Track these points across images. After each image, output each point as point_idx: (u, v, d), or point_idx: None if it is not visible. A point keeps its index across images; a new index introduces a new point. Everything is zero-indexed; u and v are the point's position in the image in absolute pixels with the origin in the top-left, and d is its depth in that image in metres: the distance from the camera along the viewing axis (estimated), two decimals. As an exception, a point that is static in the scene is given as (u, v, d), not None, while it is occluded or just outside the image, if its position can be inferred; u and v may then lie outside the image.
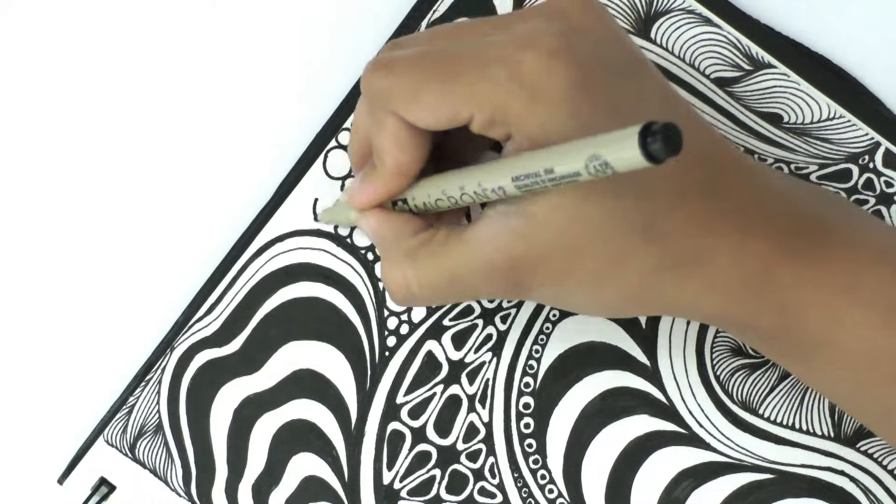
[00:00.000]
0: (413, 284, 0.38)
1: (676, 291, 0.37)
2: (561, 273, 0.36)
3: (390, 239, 0.39)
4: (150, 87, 0.47)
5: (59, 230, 0.46)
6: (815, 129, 0.45)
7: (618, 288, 0.36)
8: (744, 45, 0.45)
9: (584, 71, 0.35)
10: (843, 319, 0.36)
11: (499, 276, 0.37)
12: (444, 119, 0.36)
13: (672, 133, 0.28)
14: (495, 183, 0.35)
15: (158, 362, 0.45)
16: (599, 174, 0.31)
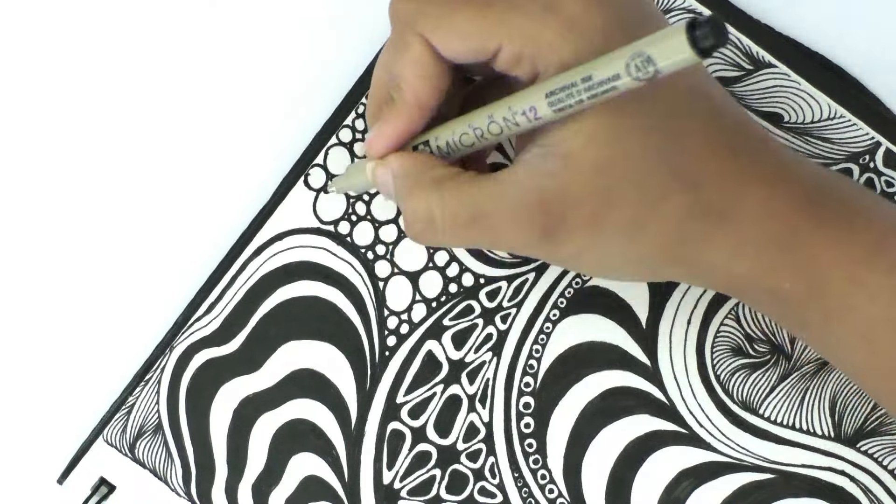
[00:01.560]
0: (436, 213, 0.36)
1: (709, 244, 0.36)
2: (596, 218, 0.35)
3: (416, 173, 0.37)
4: (150, 88, 0.47)
5: (59, 230, 0.46)
6: (815, 128, 0.45)
7: (654, 236, 0.36)
8: (744, 45, 0.45)
9: (616, 9, 0.35)
10: (865, 284, 0.36)
11: (529, 219, 0.35)
12: (472, 47, 0.35)
13: (718, 25, 0.28)
14: (527, 103, 0.34)
15: (158, 362, 0.45)
16: (641, 76, 0.30)
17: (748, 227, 0.36)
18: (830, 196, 0.37)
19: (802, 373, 0.44)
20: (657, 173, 0.35)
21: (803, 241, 0.36)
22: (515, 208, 0.35)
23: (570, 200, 0.35)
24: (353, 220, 0.45)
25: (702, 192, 0.36)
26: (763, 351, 0.44)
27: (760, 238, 0.36)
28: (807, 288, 0.37)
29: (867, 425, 0.43)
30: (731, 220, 0.36)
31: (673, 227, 0.36)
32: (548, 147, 0.35)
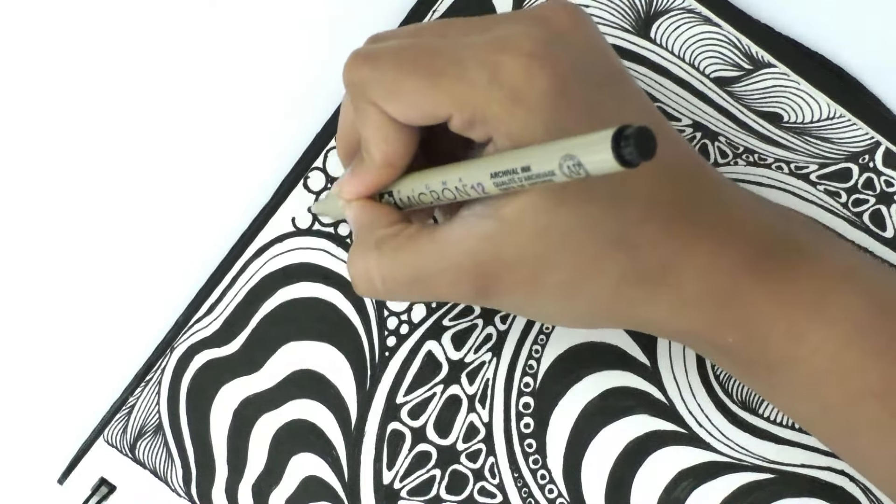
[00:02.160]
0: (375, 276, 0.37)
1: (647, 305, 0.36)
2: (530, 280, 0.36)
3: (364, 227, 0.38)
4: (150, 88, 0.47)
5: (60, 231, 0.46)
6: (815, 128, 0.45)
7: (589, 298, 0.36)
8: (744, 45, 0.45)
9: (563, 77, 0.35)
10: (808, 337, 0.36)
11: (465, 280, 0.36)
12: (424, 115, 0.36)
13: (646, 137, 0.28)
14: (475, 179, 0.35)
15: (158, 362, 0.45)
16: (573, 175, 0.31)
17: (688, 287, 0.36)
18: (776, 247, 0.37)
19: (802, 373, 0.44)
20: (594, 240, 0.35)
21: (744, 297, 0.36)
22: (452, 270, 0.36)
23: (505, 264, 0.35)
24: (353, 220, 0.45)
25: (639, 256, 0.36)
26: (762, 351, 0.44)
27: (700, 296, 0.36)
28: (749, 342, 0.37)
29: (867, 425, 0.43)
30: (670, 281, 0.36)
31: (609, 290, 0.36)
32: (487, 208, 0.35)
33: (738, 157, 0.45)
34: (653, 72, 0.45)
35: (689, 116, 0.45)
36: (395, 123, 0.36)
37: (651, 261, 0.36)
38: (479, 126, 0.35)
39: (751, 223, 0.38)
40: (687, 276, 0.36)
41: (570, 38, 0.36)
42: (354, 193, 0.39)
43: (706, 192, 0.37)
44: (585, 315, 0.37)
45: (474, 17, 0.38)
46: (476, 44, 0.35)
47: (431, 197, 0.37)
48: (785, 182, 0.45)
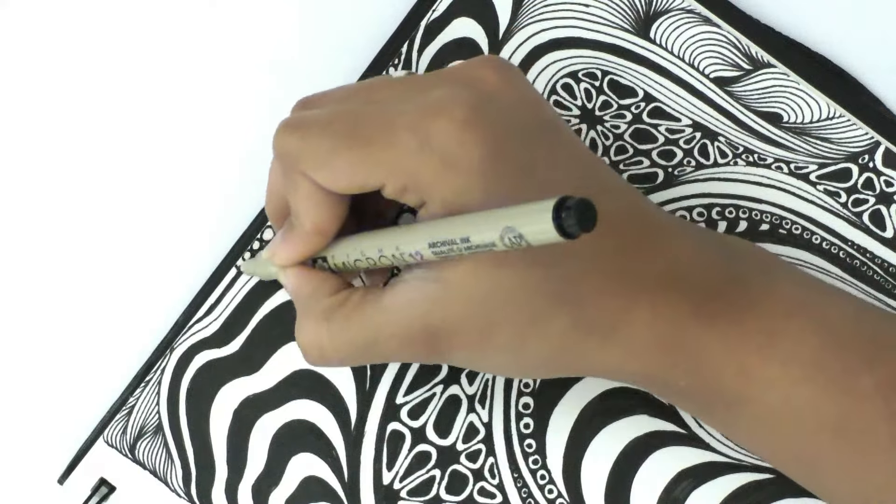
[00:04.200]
0: (327, 347, 0.38)
1: (595, 354, 0.36)
2: (478, 340, 0.36)
3: (307, 297, 0.39)
4: (150, 88, 0.47)
5: (59, 231, 0.46)
6: (814, 128, 0.45)
7: (538, 352, 0.36)
8: (743, 45, 0.45)
9: (496, 139, 0.34)
10: (759, 377, 0.36)
11: (415, 343, 0.36)
12: (355, 185, 0.35)
13: (586, 209, 0.29)
14: (413, 247, 0.35)
15: (158, 363, 0.45)
16: (514, 246, 0.31)
17: (635, 336, 0.36)
18: (723, 288, 0.37)
19: (802, 373, 0.44)
20: (537, 300, 0.35)
21: (692, 343, 0.36)
22: (401, 335, 0.36)
23: (452, 326, 0.36)
24: (353, 220, 0.45)
25: (583, 310, 0.36)
26: (762, 351, 0.44)
27: (649, 344, 0.36)
28: (702, 385, 0.37)
29: (866, 425, 0.43)
30: (616, 332, 0.36)
31: (556, 343, 0.36)
32: (430, 272, 0.35)
33: (737, 157, 0.45)
34: (652, 72, 0.45)
35: (688, 116, 0.45)
36: (325, 192, 0.36)
37: (596, 314, 0.36)
38: (412, 192, 0.35)
39: (697, 267, 0.37)
40: (633, 327, 0.36)
41: (500, 96, 0.36)
42: (287, 259, 0.39)
43: (650, 240, 0.37)
44: (536, 367, 0.38)
45: (402, 77, 0.38)
46: (406, 110, 0.35)
47: (367, 263, 0.37)
48: (785, 182, 0.45)
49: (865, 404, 0.36)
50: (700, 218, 0.44)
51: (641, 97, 0.45)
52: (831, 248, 0.44)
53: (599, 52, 0.45)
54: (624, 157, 0.45)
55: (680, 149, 0.45)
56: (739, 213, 0.44)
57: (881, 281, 0.44)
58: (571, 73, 0.45)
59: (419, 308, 0.36)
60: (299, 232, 0.38)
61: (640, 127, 0.45)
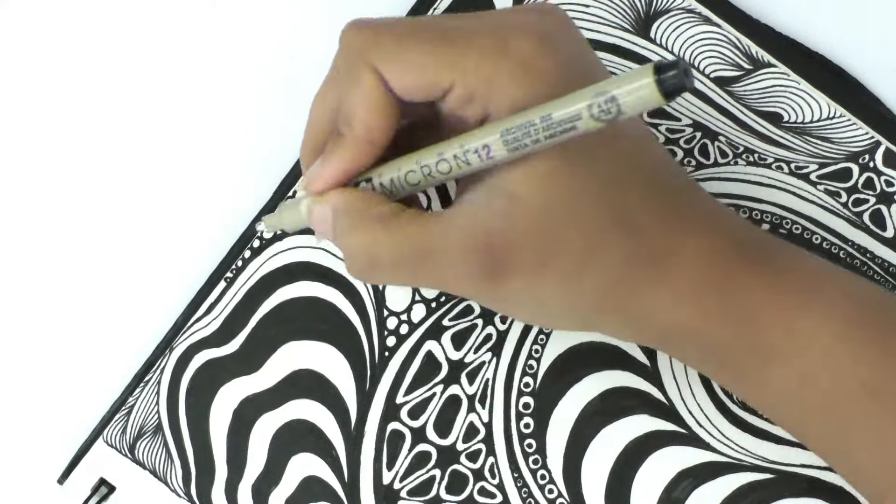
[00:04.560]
0: (381, 251, 0.35)
1: (645, 292, 0.36)
2: (538, 262, 0.35)
3: (359, 209, 0.36)
4: (150, 87, 0.47)
5: (59, 231, 0.46)
6: (815, 128, 0.45)
7: (592, 283, 0.36)
8: (744, 45, 0.45)
9: (567, 58, 0.35)
10: (802, 330, 0.36)
11: (473, 259, 0.35)
12: (425, 82, 0.35)
13: (685, 67, 0.28)
14: (480, 142, 0.34)
15: (158, 362, 0.45)
16: (602, 116, 0.30)
17: (686, 274, 0.36)
18: (762, 246, 0.37)
19: (802, 373, 0.44)
20: (600, 219, 0.35)
21: (739, 285, 0.36)
22: (460, 247, 0.35)
23: (515, 241, 0.35)
24: (353, 220, 0.45)
25: (642, 238, 0.36)
26: (763, 351, 0.44)
27: (695, 286, 0.36)
28: (742, 335, 0.37)
29: (867, 425, 0.43)
30: (670, 267, 0.36)
31: (611, 273, 0.36)
32: (495, 187, 0.35)
33: (738, 156, 0.45)
34: (653, 71, 0.45)
35: (689, 116, 0.45)
36: (386, 94, 0.35)
37: (652, 245, 0.36)
38: (478, 101, 0.35)
39: (738, 225, 0.38)
40: (684, 264, 0.36)
41: (566, 31, 0.37)
42: (329, 180, 0.37)
43: (694, 187, 0.38)
44: (584, 306, 0.37)
45: None
46: (487, 22, 0.35)
47: (422, 174, 0.36)
48: (785, 182, 0.44)
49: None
50: (700, 218, 0.44)
51: (642, 97, 0.45)
52: (832, 247, 0.44)
53: (600, 52, 0.45)
54: (624, 157, 0.45)
55: (680, 148, 0.45)
56: (740, 213, 0.44)
57: (881, 281, 0.44)
58: (572, 73, 0.45)
59: (483, 220, 0.35)
60: (348, 141, 0.36)
61: (640, 126, 0.45)
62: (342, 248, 0.37)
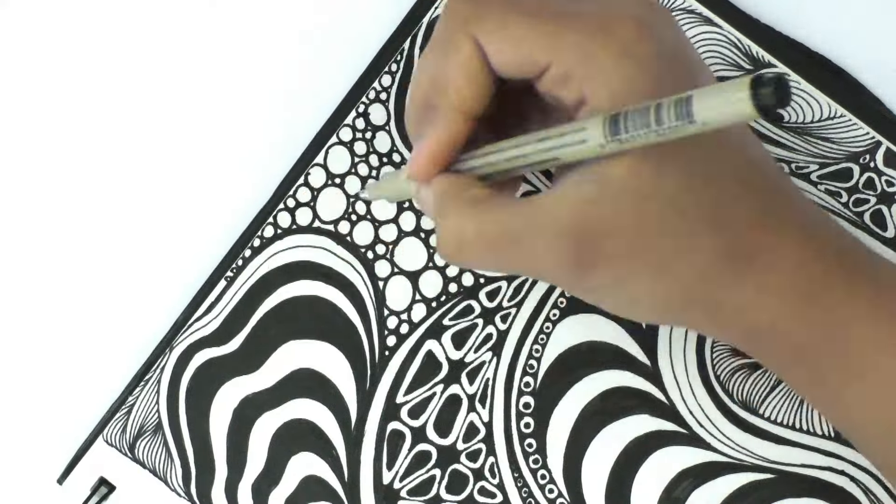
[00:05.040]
0: (469, 236, 0.35)
1: (733, 288, 0.35)
2: (628, 252, 0.34)
3: (454, 191, 0.36)
4: (150, 87, 0.47)
5: (59, 231, 0.46)
6: (815, 128, 0.45)
7: (680, 275, 0.35)
8: (744, 45, 0.45)
9: (668, 48, 0.35)
10: (890, 344, 0.35)
11: (564, 245, 0.34)
12: (523, 58, 0.35)
13: (783, 84, 0.28)
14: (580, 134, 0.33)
15: (158, 362, 0.45)
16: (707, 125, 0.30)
17: (775, 275, 0.35)
18: (858, 254, 0.37)
19: (802, 373, 0.44)
20: (691, 213, 0.34)
21: (831, 294, 0.36)
22: (551, 232, 0.34)
23: (606, 229, 0.34)
24: (353, 219, 0.45)
25: (732, 235, 0.35)
26: (763, 351, 0.44)
27: (787, 286, 0.36)
28: (829, 342, 0.36)
29: (867, 425, 0.43)
30: (759, 266, 0.35)
31: (702, 267, 0.35)
32: (588, 174, 0.34)
33: (738, 156, 0.45)
34: (653, 71, 0.45)
35: (689, 116, 0.45)
36: (483, 65, 0.35)
37: (743, 242, 0.35)
38: (575, 82, 0.34)
39: (833, 229, 0.37)
40: (776, 264, 0.35)
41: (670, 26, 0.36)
42: (429, 160, 0.37)
43: (792, 188, 0.37)
44: (670, 298, 0.36)
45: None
46: (588, 5, 0.35)
47: (520, 160, 0.35)
48: (785, 182, 0.44)
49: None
50: (701, 217, 0.44)
51: (642, 97, 0.45)
52: (832, 247, 0.44)
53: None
54: (625, 157, 0.45)
55: (681, 148, 0.45)
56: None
57: (882, 281, 0.44)
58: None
59: (574, 205, 0.34)
60: (444, 112, 0.36)
61: (640, 126, 0.45)
62: (437, 230, 0.37)
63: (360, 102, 0.45)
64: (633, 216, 0.34)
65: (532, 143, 0.35)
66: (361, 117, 0.45)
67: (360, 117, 0.45)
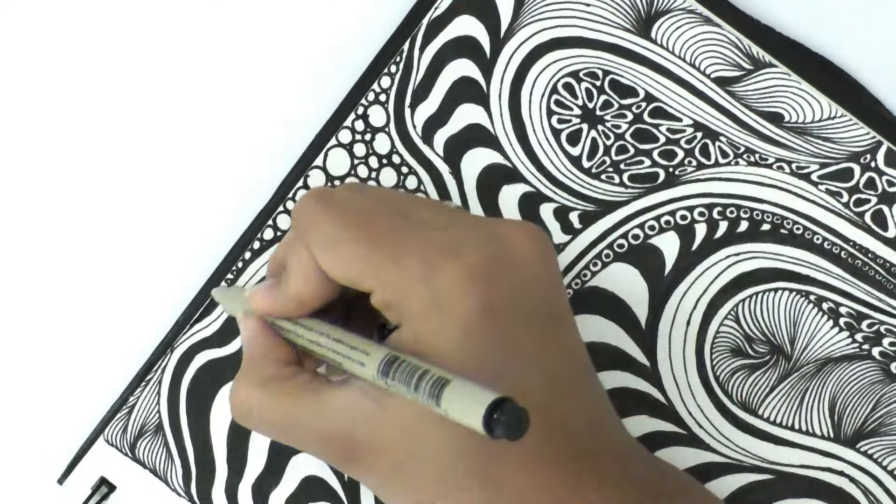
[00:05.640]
0: (254, 412, 0.37)
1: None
2: (391, 473, 0.35)
3: (255, 357, 0.38)
4: (150, 88, 0.47)
5: (60, 230, 0.46)
6: (816, 128, 0.44)
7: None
8: (744, 45, 0.45)
9: (494, 309, 0.34)
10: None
11: (334, 446, 0.36)
12: (347, 278, 0.36)
13: (518, 420, 0.29)
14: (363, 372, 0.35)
15: (159, 362, 0.45)
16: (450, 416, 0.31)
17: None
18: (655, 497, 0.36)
19: (802, 373, 0.44)
20: (461, 468, 0.34)
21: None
22: (325, 434, 0.36)
23: (372, 447, 0.35)
24: (353, 220, 0.45)
25: (501, 497, 0.34)
26: (762, 351, 0.44)
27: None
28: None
29: (867, 426, 0.43)
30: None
31: None
32: (375, 388, 0.35)
33: (738, 157, 0.45)
34: (654, 72, 0.45)
35: (689, 116, 0.45)
36: (318, 273, 0.36)
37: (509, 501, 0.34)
38: (395, 313, 0.35)
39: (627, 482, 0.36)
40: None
41: (522, 267, 0.36)
42: (261, 307, 0.39)
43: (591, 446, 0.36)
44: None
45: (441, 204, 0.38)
46: (426, 238, 0.35)
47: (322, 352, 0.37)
48: (786, 182, 0.44)
49: None
50: (701, 218, 0.44)
51: (642, 97, 0.45)
52: (833, 248, 0.44)
53: (600, 52, 0.45)
54: (625, 157, 0.45)
55: (681, 149, 0.45)
56: (741, 213, 0.44)
57: (883, 281, 0.44)
58: (572, 73, 0.45)
59: (351, 416, 0.35)
60: (283, 291, 0.38)
61: (641, 127, 0.45)
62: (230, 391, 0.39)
63: (360, 104, 0.45)
64: (400, 449, 0.35)
65: (329, 340, 0.37)
66: (360, 119, 0.45)
67: (359, 119, 0.45)
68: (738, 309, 0.44)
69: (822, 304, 0.44)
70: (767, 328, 0.44)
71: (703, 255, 0.44)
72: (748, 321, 0.44)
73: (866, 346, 0.44)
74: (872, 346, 0.44)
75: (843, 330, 0.44)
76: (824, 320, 0.44)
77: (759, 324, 0.44)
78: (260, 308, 0.39)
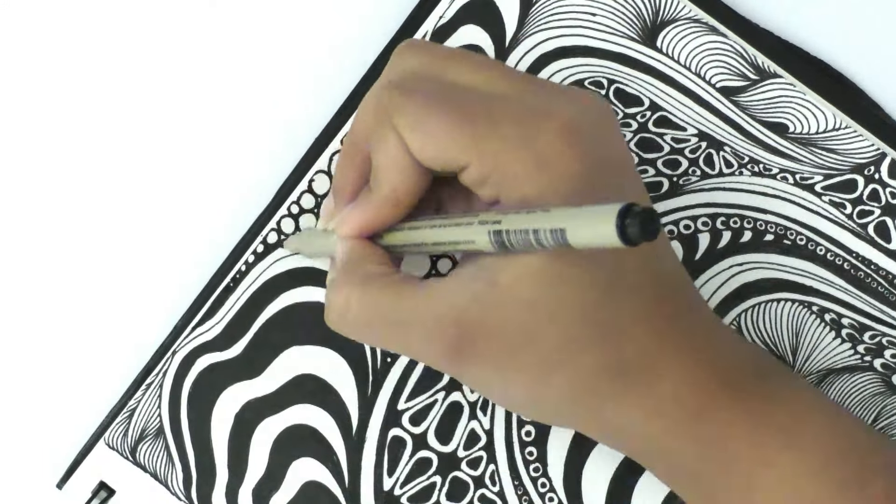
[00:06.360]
0: (351, 310, 0.37)
1: (615, 404, 0.35)
2: (506, 354, 0.35)
3: (353, 262, 0.38)
4: (150, 89, 0.47)
5: (60, 233, 0.46)
6: (820, 139, 0.45)
7: (562, 384, 0.35)
8: (750, 55, 0.45)
9: (590, 160, 0.35)
10: (775, 462, 0.35)
11: (441, 336, 0.35)
12: (441, 157, 0.35)
13: (650, 219, 0.29)
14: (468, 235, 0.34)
15: (159, 366, 0.45)
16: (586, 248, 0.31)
17: (664, 392, 0.35)
18: (751, 374, 0.37)
19: (804, 384, 0.44)
20: (583, 325, 0.34)
21: (719, 412, 0.35)
22: (431, 321, 0.35)
23: (485, 328, 0.34)
24: (357, 226, 0.45)
25: (623, 351, 0.35)
26: (765, 362, 0.44)
27: (675, 405, 0.35)
28: (714, 461, 0.36)
29: (868, 438, 0.43)
30: (648, 383, 0.35)
31: (585, 379, 0.35)
32: (483, 270, 0.35)
33: (743, 167, 0.45)
34: (659, 81, 0.45)
35: (694, 126, 0.45)
36: (411, 159, 0.36)
37: (634, 358, 0.35)
38: (491, 186, 0.35)
39: (729, 343, 0.37)
40: (665, 382, 0.35)
41: (601, 127, 0.36)
42: (355, 227, 0.38)
43: (692, 307, 0.37)
44: (552, 403, 0.36)
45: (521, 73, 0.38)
46: (517, 105, 0.35)
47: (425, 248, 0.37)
48: (790, 193, 0.44)
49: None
50: (705, 228, 0.44)
51: (647, 106, 0.45)
52: (836, 259, 0.44)
53: (606, 61, 0.45)
54: (629, 166, 0.45)
55: (685, 158, 0.45)
56: (744, 224, 0.44)
57: (885, 293, 0.44)
58: (578, 82, 0.45)
59: (459, 300, 0.35)
60: (376, 197, 0.37)
61: (645, 136, 0.45)
62: (326, 296, 0.38)
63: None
64: (515, 322, 0.34)
65: (431, 234, 0.36)
66: (366, 124, 0.45)
67: (364, 124, 0.45)
68: (741, 319, 0.44)
69: (825, 315, 0.44)
70: (770, 338, 0.44)
71: (707, 265, 0.44)
72: (751, 331, 0.44)
73: (868, 358, 0.44)
74: (874, 357, 0.44)
75: (845, 341, 0.44)
76: (826, 331, 0.44)
77: (761, 334, 0.44)
78: (353, 227, 0.38)
